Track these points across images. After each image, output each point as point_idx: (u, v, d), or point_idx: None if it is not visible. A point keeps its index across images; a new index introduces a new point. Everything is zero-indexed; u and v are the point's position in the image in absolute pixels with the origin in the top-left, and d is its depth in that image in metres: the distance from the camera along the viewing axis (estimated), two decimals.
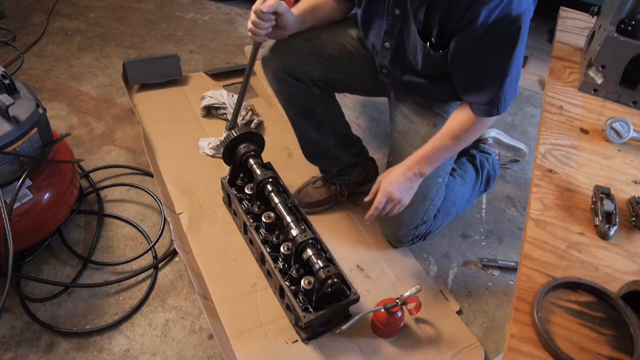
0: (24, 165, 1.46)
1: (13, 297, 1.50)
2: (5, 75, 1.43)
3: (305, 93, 1.61)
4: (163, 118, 2.12)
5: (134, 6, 2.89)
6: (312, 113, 1.66)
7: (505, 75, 1.28)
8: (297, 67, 1.56)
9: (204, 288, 1.57)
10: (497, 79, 1.29)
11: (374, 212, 1.48)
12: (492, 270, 1.76)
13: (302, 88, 1.59)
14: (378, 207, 1.47)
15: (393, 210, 1.49)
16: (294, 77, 1.57)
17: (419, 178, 1.48)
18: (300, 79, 1.57)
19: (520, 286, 0.91)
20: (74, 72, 2.37)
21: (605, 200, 1.04)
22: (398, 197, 1.45)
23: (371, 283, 1.65)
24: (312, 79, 1.59)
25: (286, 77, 1.56)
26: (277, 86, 1.62)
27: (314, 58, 1.56)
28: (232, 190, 1.70)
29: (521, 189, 2.06)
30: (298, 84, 1.58)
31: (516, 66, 1.28)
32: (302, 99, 1.63)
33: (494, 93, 1.31)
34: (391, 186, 1.45)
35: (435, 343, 1.51)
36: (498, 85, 1.30)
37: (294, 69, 1.56)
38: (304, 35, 1.55)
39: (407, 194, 1.48)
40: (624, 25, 1.31)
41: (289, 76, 1.56)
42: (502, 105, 1.33)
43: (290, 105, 1.66)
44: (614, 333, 0.85)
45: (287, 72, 1.56)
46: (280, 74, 1.57)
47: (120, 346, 1.46)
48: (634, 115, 1.31)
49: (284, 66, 1.56)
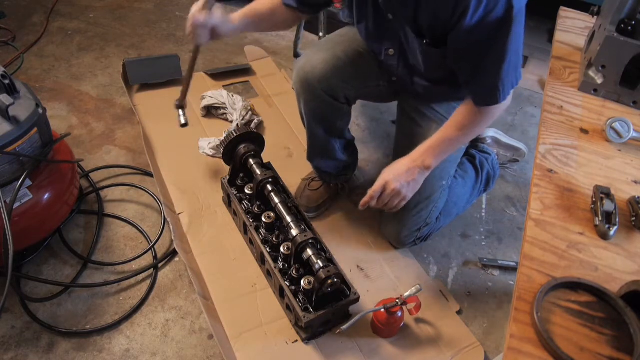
0: (24, 165, 1.46)
1: (13, 297, 1.50)
2: (5, 75, 1.43)
3: (335, 109, 1.60)
4: (163, 118, 2.11)
5: (134, 6, 2.89)
6: (333, 125, 1.66)
7: (502, 62, 1.25)
8: (336, 85, 1.54)
9: (204, 288, 1.57)
10: (493, 67, 1.27)
11: (369, 200, 1.45)
12: (492, 270, 1.76)
13: (334, 105, 1.58)
14: (373, 196, 1.43)
15: (392, 202, 1.45)
16: (330, 94, 1.54)
17: (423, 171, 1.43)
18: (336, 97, 1.56)
19: (520, 286, 0.91)
20: (74, 72, 2.37)
21: (605, 200, 1.04)
22: (397, 187, 1.41)
23: (371, 283, 1.65)
24: (346, 96, 1.58)
25: (323, 94, 1.54)
26: (308, 99, 1.58)
27: (352, 75, 1.55)
28: (232, 190, 1.70)
29: (521, 189, 2.06)
30: (332, 101, 1.56)
31: (514, 52, 1.25)
32: (330, 114, 1.62)
33: (492, 82, 1.29)
34: (391, 176, 1.42)
35: (435, 343, 1.51)
36: (495, 74, 1.28)
37: (333, 87, 1.54)
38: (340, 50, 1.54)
39: (409, 186, 1.43)
40: (624, 25, 1.31)
41: (326, 93, 1.54)
42: (500, 94, 1.31)
43: (315, 117, 1.64)
44: (614, 333, 0.85)
45: (325, 89, 1.53)
46: (317, 91, 1.54)
47: (120, 346, 1.46)
48: (634, 115, 1.31)
49: (323, 83, 1.53)
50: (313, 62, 1.54)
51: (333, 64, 1.53)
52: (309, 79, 1.54)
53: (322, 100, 1.55)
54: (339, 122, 1.67)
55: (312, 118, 1.64)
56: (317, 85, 1.53)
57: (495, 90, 1.31)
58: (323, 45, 1.61)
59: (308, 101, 1.58)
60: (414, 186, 1.45)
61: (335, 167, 1.81)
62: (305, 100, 1.59)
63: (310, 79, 1.53)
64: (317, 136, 1.69)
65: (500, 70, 1.27)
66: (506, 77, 1.29)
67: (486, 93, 1.33)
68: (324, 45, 1.60)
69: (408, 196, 1.45)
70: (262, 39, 2.72)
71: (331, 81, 1.53)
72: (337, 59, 1.54)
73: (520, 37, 1.25)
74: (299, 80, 1.56)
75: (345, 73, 1.55)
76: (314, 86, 1.54)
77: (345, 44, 1.58)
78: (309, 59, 1.55)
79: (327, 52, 1.55)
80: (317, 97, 1.55)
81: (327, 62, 1.53)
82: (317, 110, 1.61)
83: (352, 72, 1.56)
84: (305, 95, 1.57)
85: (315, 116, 1.63)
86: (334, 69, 1.53)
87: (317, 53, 1.56)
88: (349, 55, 1.56)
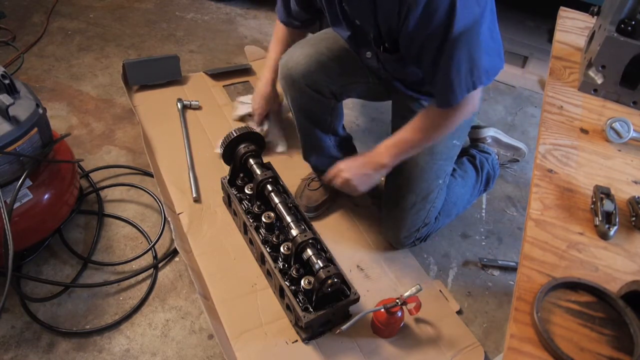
0: (24, 165, 1.46)
1: (13, 297, 1.50)
2: (5, 75, 1.43)
3: (322, 104, 1.62)
4: (163, 118, 2.11)
5: (134, 6, 2.89)
6: (323, 120, 1.68)
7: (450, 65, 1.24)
8: (320, 80, 1.55)
9: (204, 288, 1.57)
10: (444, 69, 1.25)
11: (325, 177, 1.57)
12: (492, 270, 1.76)
13: (320, 99, 1.59)
14: (324, 178, 1.56)
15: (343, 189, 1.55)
16: (315, 89, 1.56)
17: (379, 169, 1.48)
18: (321, 92, 1.57)
19: (520, 286, 0.91)
20: (74, 72, 2.37)
21: (605, 200, 1.04)
22: (347, 177, 1.49)
23: (371, 283, 1.65)
24: (332, 91, 1.59)
25: (307, 88, 1.56)
26: (294, 95, 1.60)
27: (336, 71, 1.56)
28: (232, 190, 1.70)
29: (521, 189, 2.06)
30: (318, 96, 1.58)
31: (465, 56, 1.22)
32: (317, 109, 1.64)
33: (444, 83, 1.28)
34: (345, 166, 1.51)
35: (435, 343, 1.51)
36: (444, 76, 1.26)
37: (317, 81, 1.56)
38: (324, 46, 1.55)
39: (360, 179, 1.50)
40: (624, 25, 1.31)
41: (310, 88, 1.56)
42: (452, 97, 1.29)
43: (303, 113, 1.66)
44: (614, 333, 0.85)
45: (309, 84, 1.55)
46: (302, 85, 1.56)
47: (120, 346, 1.46)
48: (634, 115, 1.31)
49: (306, 78, 1.55)
50: (296, 58, 1.55)
51: (316, 59, 1.54)
52: (292, 74, 1.56)
53: (308, 95, 1.57)
54: (328, 117, 1.67)
55: (299, 114, 1.66)
56: (301, 80, 1.55)
57: (448, 91, 1.29)
58: (307, 41, 1.62)
59: (294, 97, 1.60)
60: (366, 180, 1.51)
61: (331, 165, 1.81)
62: (291, 97, 1.61)
63: (294, 74, 1.55)
64: (307, 132, 1.71)
65: (450, 72, 1.25)
66: (457, 79, 1.26)
67: (441, 94, 1.33)
68: (308, 42, 1.61)
69: (359, 188, 1.51)
70: (262, 39, 2.72)
71: (314, 76, 1.55)
72: (320, 54, 1.55)
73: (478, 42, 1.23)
74: (283, 77, 1.59)
75: (328, 68, 1.56)
76: (298, 81, 1.56)
77: (330, 40, 1.59)
78: (292, 55, 1.57)
79: (311, 48, 1.57)
80: (302, 92, 1.57)
81: (310, 56, 1.54)
82: (304, 106, 1.63)
83: (336, 67, 1.57)
84: (290, 91, 1.60)
85: (303, 112, 1.65)
86: (317, 63, 1.55)
87: (300, 49, 1.58)
88: (332, 51, 1.56)
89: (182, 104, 2.15)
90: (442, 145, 1.59)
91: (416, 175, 1.60)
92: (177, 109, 2.14)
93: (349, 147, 1.86)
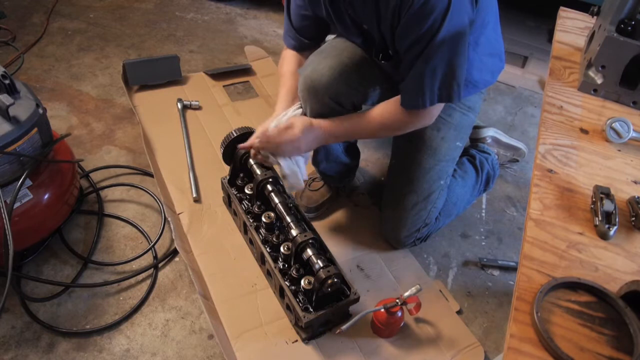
0: (24, 165, 1.46)
1: (13, 297, 1.50)
2: (5, 75, 1.43)
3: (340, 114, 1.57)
4: (163, 118, 2.11)
5: (134, 6, 2.89)
6: None
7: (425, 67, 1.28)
8: (342, 91, 1.53)
9: (204, 288, 1.57)
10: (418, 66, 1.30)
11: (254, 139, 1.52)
12: (492, 270, 1.76)
13: (340, 111, 1.56)
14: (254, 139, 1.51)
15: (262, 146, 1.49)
16: (337, 101, 1.53)
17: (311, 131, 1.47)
18: (342, 104, 1.55)
19: (520, 286, 0.91)
20: (74, 72, 2.37)
21: (605, 200, 1.04)
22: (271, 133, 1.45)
23: (371, 283, 1.65)
24: (353, 102, 1.57)
25: (330, 101, 1.53)
26: (314, 106, 1.56)
27: (357, 80, 1.54)
28: (232, 190, 1.70)
29: (521, 189, 2.06)
30: (339, 107, 1.55)
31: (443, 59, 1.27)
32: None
33: (416, 82, 1.32)
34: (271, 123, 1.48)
35: (435, 343, 1.51)
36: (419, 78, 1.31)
37: (339, 93, 1.52)
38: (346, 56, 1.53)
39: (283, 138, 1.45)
40: (624, 25, 1.31)
41: (332, 100, 1.53)
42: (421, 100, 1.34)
43: None
44: (614, 333, 0.85)
45: (332, 97, 1.52)
46: (324, 98, 1.52)
47: (120, 346, 1.46)
48: (634, 115, 1.31)
49: (330, 90, 1.51)
50: (320, 70, 1.51)
51: (339, 71, 1.51)
52: (316, 86, 1.51)
53: (329, 107, 1.54)
54: None
55: None
56: (325, 92, 1.51)
57: (418, 93, 1.33)
58: (329, 51, 1.57)
59: (314, 108, 1.56)
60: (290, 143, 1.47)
61: (339, 170, 1.81)
62: (311, 107, 1.56)
63: (317, 86, 1.51)
64: None
65: (424, 75, 1.29)
66: (429, 84, 1.30)
67: (410, 95, 1.35)
68: (330, 52, 1.56)
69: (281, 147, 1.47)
70: (262, 39, 2.72)
71: (337, 88, 1.51)
72: (344, 65, 1.52)
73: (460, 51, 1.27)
74: (306, 88, 1.54)
75: (350, 79, 1.53)
76: (321, 94, 1.51)
77: (350, 49, 1.56)
78: (316, 67, 1.52)
79: (333, 59, 1.52)
80: (323, 104, 1.53)
81: (333, 69, 1.51)
82: (323, 117, 1.58)
83: (357, 77, 1.54)
84: (312, 103, 1.55)
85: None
86: (340, 75, 1.51)
87: (324, 59, 1.53)
88: (353, 60, 1.54)
89: (182, 104, 2.16)
90: (445, 147, 1.60)
91: (418, 176, 1.60)
92: (177, 109, 2.15)
93: (355, 150, 1.85)
